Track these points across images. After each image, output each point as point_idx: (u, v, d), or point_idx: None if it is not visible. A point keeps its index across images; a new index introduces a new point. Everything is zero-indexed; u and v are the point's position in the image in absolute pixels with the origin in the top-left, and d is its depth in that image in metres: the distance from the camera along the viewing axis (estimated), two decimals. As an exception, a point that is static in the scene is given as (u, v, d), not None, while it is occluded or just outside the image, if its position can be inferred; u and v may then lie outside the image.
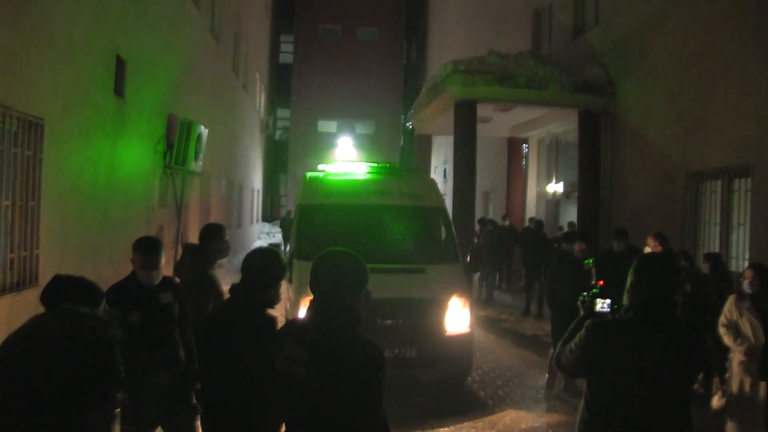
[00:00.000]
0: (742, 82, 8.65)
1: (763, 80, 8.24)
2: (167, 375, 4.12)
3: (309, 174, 8.61)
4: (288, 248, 9.45)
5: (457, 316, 6.97)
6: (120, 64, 8.38)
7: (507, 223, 14.96)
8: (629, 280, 2.88)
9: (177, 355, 4.19)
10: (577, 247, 7.91)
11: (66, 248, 6.90)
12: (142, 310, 3.97)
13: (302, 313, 4.28)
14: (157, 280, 4.15)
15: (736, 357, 5.53)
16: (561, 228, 14.18)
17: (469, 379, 7.76)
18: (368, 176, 8.30)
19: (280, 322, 3.20)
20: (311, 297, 2.57)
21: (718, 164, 9.17)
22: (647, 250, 7.42)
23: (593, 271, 7.40)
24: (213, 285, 4.88)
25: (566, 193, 15.23)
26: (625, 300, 2.92)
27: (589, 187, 12.59)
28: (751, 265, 5.69)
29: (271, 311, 3.23)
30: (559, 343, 3.10)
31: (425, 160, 17.86)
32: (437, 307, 6.89)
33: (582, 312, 3.21)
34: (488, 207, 20.44)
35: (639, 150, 11.48)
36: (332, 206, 7.87)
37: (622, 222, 11.73)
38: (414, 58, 38.84)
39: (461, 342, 7.02)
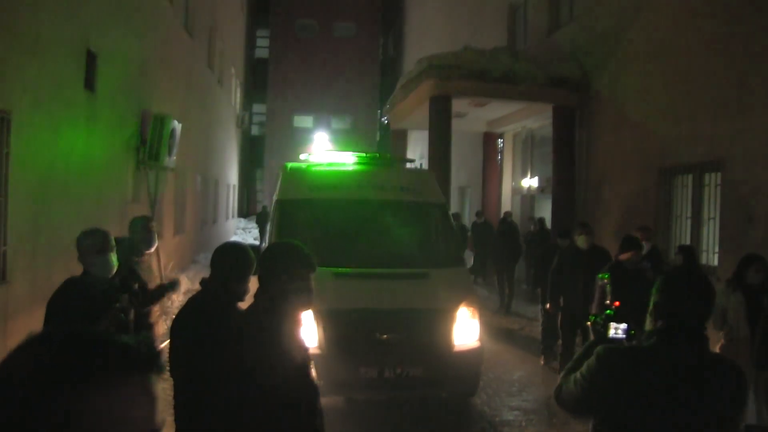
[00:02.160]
0: (713, 78, 8.76)
1: (733, 76, 8.36)
2: None
3: (290, 165, 7.67)
4: (264, 246, 9.14)
5: (466, 329, 6.14)
6: (90, 57, 8.26)
7: (482, 219, 15.00)
8: (653, 299, 2.39)
9: None
10: (632, 256, 6.45)
11: (36, 245, 6.79)
12: (93, 316, 3.46)
13: None
14: (113, 270, 3.88)
15: (720, 342, 5.88)
16: (535, 223, 14.25)
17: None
18: (358, 167, 7.48)
19: None
20: None
21: (689, 159, 9.29)
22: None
23: (608, 288, 6.14)
24: (136, 277, 4.68)
25: (541, 188, 15.32)
26: (648, 324, 2.40)
27: (563, 182, 12.67)
28: (755, 257, 5.81)
29: (241, 305, 3.22)
30: (561, 374, 2.59)
31: (401, 154, 17.86)
32: (444, 318, 6.04)
33: (592, 337, 2.82)
34: (464, 202, 20.51)
35: (613, 145, 11.59)
36: (317, 202, 6.91)
37: (596, 216, 11.85)
38: (390, 53, 38.78)
39: (470, 358, 6.18)
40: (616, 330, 2.65)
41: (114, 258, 3.90)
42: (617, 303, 2.85)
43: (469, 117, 15.13)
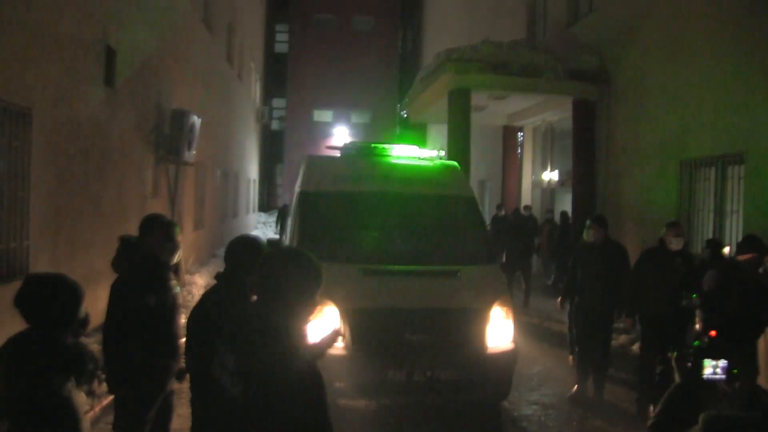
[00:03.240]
0: (735, 70, 8.61)
1: (755, 68, 8.21)
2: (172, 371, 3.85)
3: (313, 155, 7.47)
4: (285, 241, 8.97)
5: (500, 329, 5.83)
6: (110, 53, 8.33)
7: (502, 212, 14.92)
8: None
9: (179, 351, 3.89)
10: (753, 258, 5.41)
11: (57, 240, 6.88)
12: (156, 294, 3.72)
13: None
14: (177, 257, 3.99)
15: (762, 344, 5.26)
16: (552, 216, 14.12)
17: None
18: (384, 159, 7.20)
19: None
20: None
21: (711, 152, 9.15)
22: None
23: (698, 312, 4.24)
24: None
25: (561, 182, 15.21)
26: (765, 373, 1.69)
27: (583, 175, 12.57)
28: None
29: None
30: None
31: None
32: (476, 318, 5.74)
33: (678, 376, 2.18)
34: (484, 196, 20.42)
35: (633, 138, 11.45)
36: (342, 195, 6.60)
37: (617, 210, 11.73)
38: (409, 46, 38.71)
39: (504, 360, 5.83)
40: (713, 369, 2.07)
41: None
42: (713, 333, 2.30)
43: (488, 110, 15.05)
